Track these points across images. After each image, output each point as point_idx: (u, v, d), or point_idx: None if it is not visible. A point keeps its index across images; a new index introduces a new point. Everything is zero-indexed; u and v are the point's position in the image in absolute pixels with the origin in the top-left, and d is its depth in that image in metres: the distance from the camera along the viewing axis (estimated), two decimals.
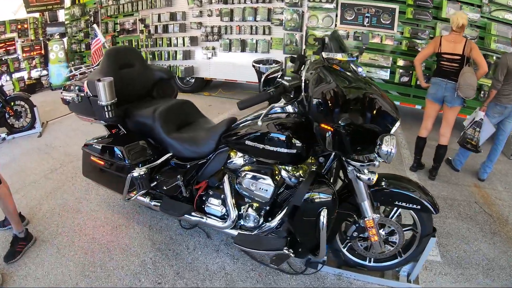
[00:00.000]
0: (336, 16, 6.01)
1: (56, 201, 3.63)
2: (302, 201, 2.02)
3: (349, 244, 2.46)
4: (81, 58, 9.80)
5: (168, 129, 2.69)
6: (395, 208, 2.28)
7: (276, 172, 2.26)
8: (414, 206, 2.09)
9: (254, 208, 2.38)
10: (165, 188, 2.71)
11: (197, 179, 2.68)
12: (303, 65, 2.20)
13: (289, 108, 2.15)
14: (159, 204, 2.78)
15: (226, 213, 2.53)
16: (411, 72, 5.73)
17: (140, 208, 3.42)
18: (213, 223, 2.57)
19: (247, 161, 2.41)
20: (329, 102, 1.77)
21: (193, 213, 2.64)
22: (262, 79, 2.24)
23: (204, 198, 2.64)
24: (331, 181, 2.29)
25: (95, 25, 3.30)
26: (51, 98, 8.02)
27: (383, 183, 2.16)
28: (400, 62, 5.79)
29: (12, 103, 5.65)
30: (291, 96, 2.04)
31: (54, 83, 9.01)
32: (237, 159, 2.45)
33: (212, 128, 2.65)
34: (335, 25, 6.08)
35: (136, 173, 2.58)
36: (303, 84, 1.96)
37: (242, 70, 6.82)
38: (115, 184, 2.92)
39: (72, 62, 9.55)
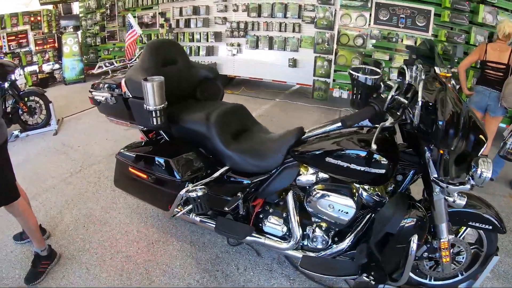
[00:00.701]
0: (370, 15, 5.70)
1: (79, 210, 3.25)
2: (397, 228, 1.81)
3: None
4: (96, 52, 9.43)
5: (226, 139, 2.30)
6: (464, 227, 2.14)
7: (354, 191, 2.00)
8: (486, 226, 1.97)
9: (322, 228, 2.16)
10: (221, 207, 2.32)
11: (256, 196, 2.32)
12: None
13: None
14: (212, 223, 2.42)
15: (287, 233, 2.27)
16: None
17: (177, 221, 3.03)
18: (273, 244, 2.28)
19: (319, 178, 2.12)
20: (456, 126, 1.61)
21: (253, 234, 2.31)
22: (360, 91, 1.91)
23: (261, 216, 2.34)
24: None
25: (129, 15, 2.90)
26: (65, 93, 7.67)
27: None
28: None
29: (26, 99, 5.28)
30: (398, 113, 1.80)
31: (67, 78, 8.65)
32: (308, 175, 2.16)
33: (278, 140, 2.28)
34: (369, 24, 5.73)
35: (194, 193, 2.18)
36: (419, 102, 1.62)
37: (269, 68, 6.46)
38: (159, 200, 2.53)
39: (85, 56, 9.22)
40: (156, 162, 2.42)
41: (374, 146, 1.64)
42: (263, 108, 6.09)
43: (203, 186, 2.20)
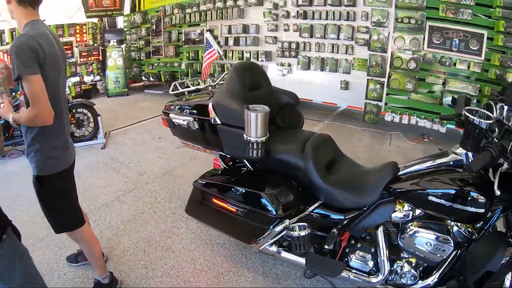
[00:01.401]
0: (424, 39, 5.45)
1: (137, 233, 3.04)
2: (498, 267, 1.80)
3: None
4: (140, 66, 9.46)
5: (322, 172, 2.09)
6: None
7: (449, 228, 2.00)
8: None
9: (412, 264, 2.08)
10: (317, 243, 2.16)
11: (345, 230, 2.16)
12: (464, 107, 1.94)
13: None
14: (301, 259, 2.20)
15: (374, 268, 2.16)
16: None
17: (245, 249, 2.78)
18: (361, 279, 2.15)
19: (415, 214, 2.05)
20: None
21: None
22: (473, 133, 1.81)
23: (347, 250, 2.21)
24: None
25: (208, 34, 2.73)
26: (109, 106, 7.66)
27: None
28: (487, 91, 5.20)
29: (74, 110, 5.23)
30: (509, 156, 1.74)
31: (111, 90, 8.69)
32: (404, 212, 2.06)
33: (374, 175, 2.13)
34: (422, 48, 5.47)
35: (296, 232, 2.00)
36: None
37: (319, 90, 6.26)
38: (244, 234, 2.30)
39: (128, 70, 9.28)
40: (247, 195, 2.21)
41: (498, 192, 1.66)
42: (314, 130, 5.77)
43: (305, 224, 1.99)
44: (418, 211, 2.02)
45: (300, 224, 2.06)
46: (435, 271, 2.04)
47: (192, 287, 2.46)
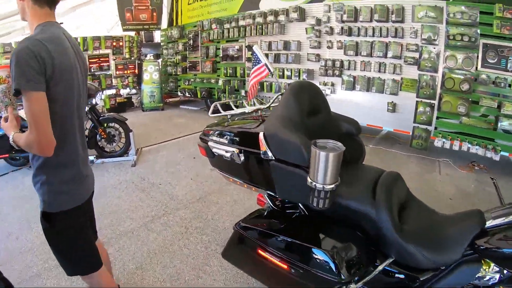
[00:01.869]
0: (477, 57, 4.94)
1: (164, 268, 2.69)
2: None
3: None
4: (176, 81, 9.37)
5: (396, 224, 1.64)
6: None
7: None
8: None
9: None
10: None
11: None
12: None
13: None
14: None
15: None
16: None
17: None
18: None
19: (503, 276, 1.61)
20: None
21: None
22: None
23: None
24: None
25: (256, 47, 2.37)
26: (143, 120, 7.54)
27: None
28: None
29: (106, 124, 5.05)
30: None
31: (146, 104, 8.59)
32: (491, 273, 1.62)
33: (456, 227, 1.68)
34: (476, 68, 4.95)
35: None
36: None
37: (365, 112, 5.79)
38: None
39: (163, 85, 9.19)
40: (302, 250, 1.77)
41: None
42: None
43: None
44: (506, 272, 1.60)
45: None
46: None
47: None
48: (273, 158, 1.79)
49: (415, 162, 5.15)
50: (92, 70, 8.79)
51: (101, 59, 8.97)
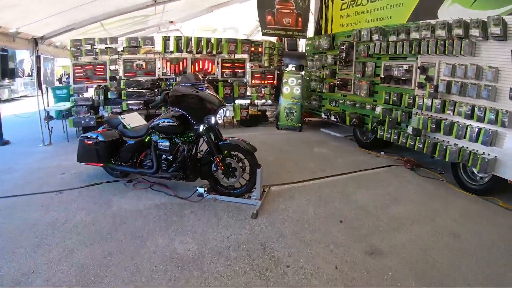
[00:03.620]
0: None
1: None
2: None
3: None
4: (320, 100, 8.07)
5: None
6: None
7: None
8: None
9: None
10: None
11: None
12: None
13: None
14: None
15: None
16: None
17: None
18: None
19: None
20: None
21: None
22: None
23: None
24: None
25: None
26: (275, 140, 6.53)
27: None
28: None
29: (226, 152, 4.02)
30: None
31: (281, 122, 7.60)
32: None
33: None
34: None
35: None
36: None
37: None
38: None
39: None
40: None
41: None
42: None
43: None
44: None
45: None
46: None
47: None
48: None
49: None
50: (225, 76, 8.15)
51: (235, 64, 8.32)
